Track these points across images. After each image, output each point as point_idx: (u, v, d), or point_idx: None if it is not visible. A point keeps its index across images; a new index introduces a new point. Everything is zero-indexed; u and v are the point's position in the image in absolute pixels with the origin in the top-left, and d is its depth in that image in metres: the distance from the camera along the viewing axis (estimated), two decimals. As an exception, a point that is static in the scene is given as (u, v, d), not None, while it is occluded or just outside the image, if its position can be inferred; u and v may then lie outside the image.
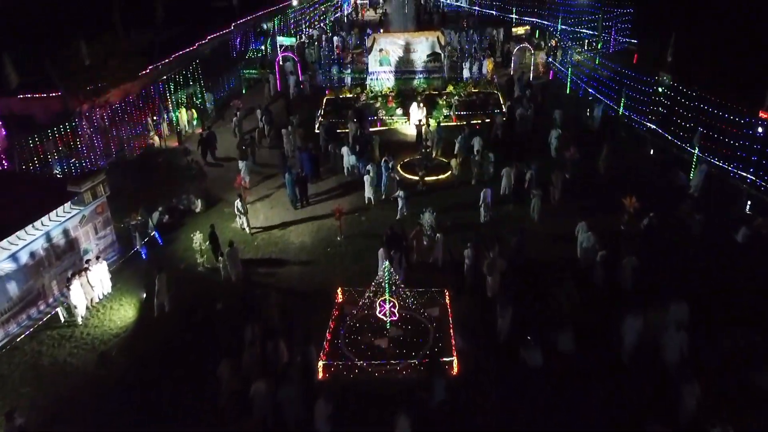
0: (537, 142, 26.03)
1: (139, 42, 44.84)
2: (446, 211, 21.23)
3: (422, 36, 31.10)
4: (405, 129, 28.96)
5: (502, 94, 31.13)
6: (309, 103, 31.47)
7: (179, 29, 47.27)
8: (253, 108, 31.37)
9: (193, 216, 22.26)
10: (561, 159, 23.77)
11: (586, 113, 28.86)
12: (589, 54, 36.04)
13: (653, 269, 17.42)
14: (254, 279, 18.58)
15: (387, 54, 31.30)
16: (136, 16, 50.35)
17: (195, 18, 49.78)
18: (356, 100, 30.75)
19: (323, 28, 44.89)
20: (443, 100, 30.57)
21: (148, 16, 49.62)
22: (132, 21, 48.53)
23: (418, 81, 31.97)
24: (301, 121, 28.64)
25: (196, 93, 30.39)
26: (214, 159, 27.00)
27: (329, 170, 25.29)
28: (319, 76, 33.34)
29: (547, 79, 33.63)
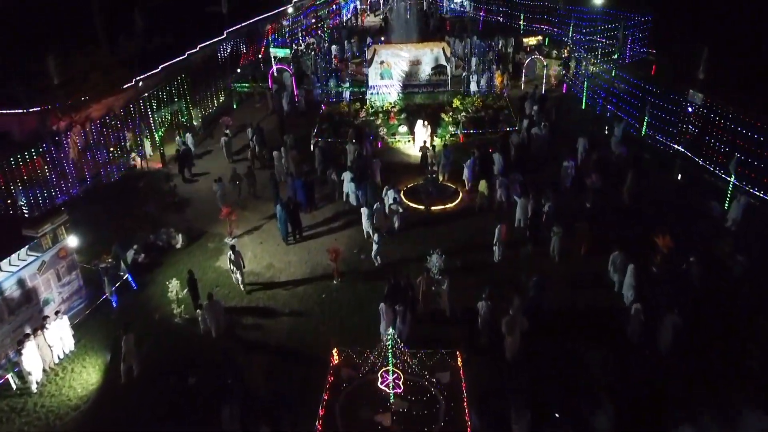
0: (553, 166, 23.75)
1: (128, 50, 42.77)
2: (455, 245, 19.09)
3: (426, 47, 28.83)
4: (408, 149, 26.69)
5: (513, 109, 28.83)
6: (304, 120, 29.19)
7: (171, 36, 45.07)
8: (245, 125, 29.14)
9: (173, 253, 19.99)
10: (581, 187, 21.50)
11: (604, 131, 26.60)
12: (605, 65, 33.72)
13: (696, 327, 15.12)
14: (238, 333, 16.31)
15: (388, 66, 29.05)
16: (126, 22, 48.18)
17: (189, 24, 47.72)
18: (355, 117, 28.48)
19: (321, 35, 42.59)
20: (449, 116, 28.29)
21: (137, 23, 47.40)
22: (121, 28, 46.43)
23: (422, 96, 29.70)
24: (296, 140, 26.41)
25: (181, 110, 28.08)
26: (189, 176, 25.27)
27: (326, 197, 23.04)
28: (315, 90, 31.01)
29: (561, 93, 31.31)
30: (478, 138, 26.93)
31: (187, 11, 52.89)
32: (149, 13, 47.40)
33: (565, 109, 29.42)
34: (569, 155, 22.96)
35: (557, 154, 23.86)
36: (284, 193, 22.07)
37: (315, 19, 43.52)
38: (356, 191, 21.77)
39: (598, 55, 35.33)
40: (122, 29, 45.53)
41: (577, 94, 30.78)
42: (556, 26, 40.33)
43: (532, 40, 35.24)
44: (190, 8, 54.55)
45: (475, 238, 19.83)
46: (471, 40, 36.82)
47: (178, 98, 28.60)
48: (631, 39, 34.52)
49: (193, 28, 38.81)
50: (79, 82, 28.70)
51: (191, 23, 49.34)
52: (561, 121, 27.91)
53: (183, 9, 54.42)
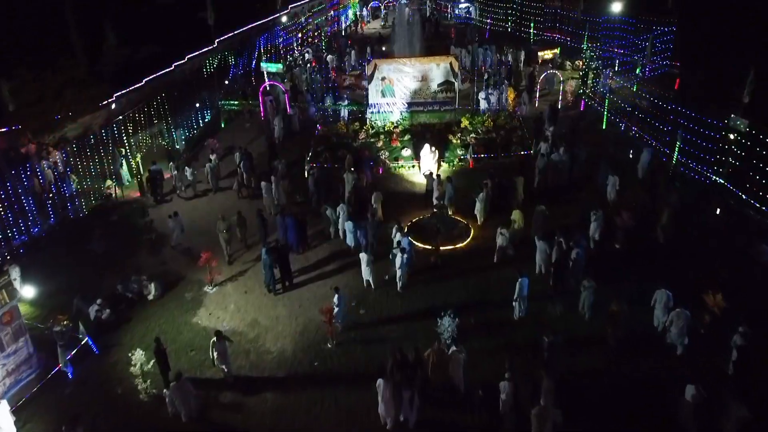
0: (577, 200, 21.21)
1: (114, 60, 40.28)
2: (468, 297, 16.68)
3: (433, 62, 26.25)
4: (413, 175, 24.13)
5: (527, 130, 26.24)
6: (298, 142, 26.63)
7: (161, 44, 42.52)
8: (233, 147, 26.59)
9: (144, 306, 17.42)
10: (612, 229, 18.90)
11: (628, 155, 24.07)
12: (623, 79, 31.15)
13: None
14: (214, 415, 13.74)
15: (390, 83, 26.47)
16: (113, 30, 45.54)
17: (180, 31, 45.18)
18: (354, 139, 25.92)
19: (318, 45, 40.00)
20: (457, 138, 25.72)
21: (124, 32, 44.98)
22: (106, 36, 43.82)
23: (427, 114, 27.13)
24: (288, 167, 23.90)
25: (162, 131, 25.52)
26: (159, 197, 23.23)
27: (320, 233, 20.48)
28: (311, 108, 28.37)
29: (578, 111, 28.72)
30: (490, 163, 24.37)
31: (179, 17, 50.61)
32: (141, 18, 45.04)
33: (584, 129, 26.83)
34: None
35: (579, 183, 21.35)
36: (272, 231, 19.62)
37: (312, 27, 40.87)
38: (354, 230, 19.19)
39: (616, 68, 32.78)
40: (107, 38, 43.11)
41: (596, 112, 28.13)
42: (570, 35, 37.75)
43: (548, 53, 32.60)
44: (181, 14, 52.26)
45: (491, 287, 17.30)
46: (481, 50, 34.25)
47: (159, 118, 26.00)
48: (653, 50, 31.91)
49: (184, 36, 36.34)
50: (50, 100, 26.24)
51: (182, 30, 46.90)
52: (581, 143, 25.37)
53: (174, 15, 52.04)
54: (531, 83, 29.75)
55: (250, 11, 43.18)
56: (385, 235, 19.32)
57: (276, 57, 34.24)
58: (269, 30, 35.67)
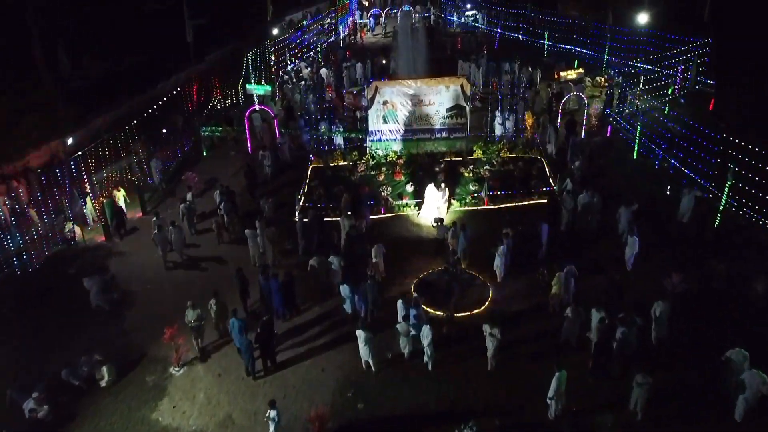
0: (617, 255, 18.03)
1: (91, 74, 37.18)
2: (491, 389, 13.40)
3: (441, 84, 23.11)
4: (418, 215, 21.00)
5: (547, 161, 23.11)
6: (288, 175, 23.48)
7: (145, 56, 39.37)
8: (214, 180, 23.51)
9: (94, 396, 14.29)
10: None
11: (666, 192, 21.00)
12: (651, 98, 28.02)
13: None
14: None
15: (393, 108, 23.34)
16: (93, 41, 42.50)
17: (167, 41, 42.16)
18: (352, 172, 22.80)
19: (315, 58, 36.84)
20: (469, 171, 22.60)
21: (107, 41, 41.79)
22: (86, 47, 40.79)
23: (434, 143, 24.00)
24: (276, 207, 20.82)
25: (132, 166, 22.36)
26: (123, 233, 20.64)
27: (311, 291, 17.35)
28: (304, 136, 25.13)
29: (604, 137, 25.53)
30: (508, 202, 21.25)
31: (169, 25, 47.52)
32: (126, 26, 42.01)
33: (612, 160, 23.70)
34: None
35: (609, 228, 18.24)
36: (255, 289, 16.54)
37: (306, 39, 37.71)
38: (351, 295, 16.06)
39: (641, 85, 29.63)
40: (87, 49, 40.04)
41: (624, 138, 24.93)
42: (588, 47, 34.60)
43: (572, 73, 29.33)
44: (171, 21, 49.15)
45: (519, 374, 14.16)
46: (493, 64, 31.02)
47: (131, 148, 22.88)
48: (683, 67, 28.77)
49: (174, 45, 33.28)
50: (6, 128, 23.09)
51: (172, 39, 43.86)
52: (610, 177, 22.32)
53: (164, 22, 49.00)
54: (551, 106, 26.49)
55: (236, 26, 40.25)
56: (388, 297, 16.29)
57: (267, 73, 31.05)
58: (259, 43, 32.50)
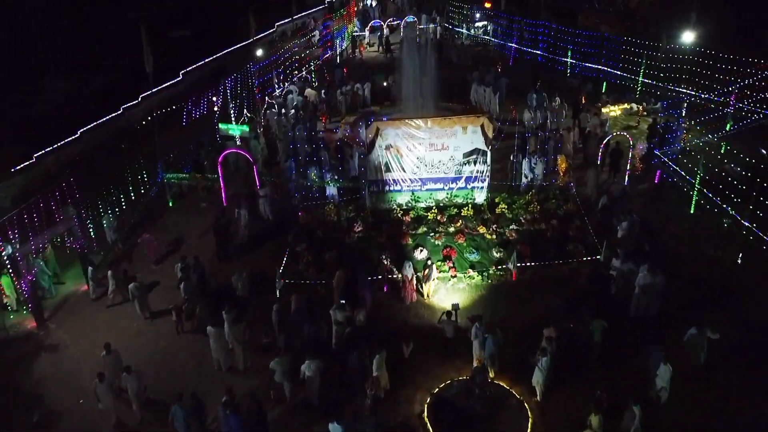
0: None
1: (60, 95, 33.09)
2: None
3: (457, 124, 18.82)
4: (434, 298, 16.73)
5: (587, 217, 18.87)
6: (269, 237, 19.18)
7: (118, 73, 35.45)
8: (180, 242, 19.28)
9: None
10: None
11: (737, 260, 16.79)
12: (697, 131, 23.73)
13: None
14: None
15: (398, 153, 19.09)
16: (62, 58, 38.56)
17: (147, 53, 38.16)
18: (348, 233, 18.54)
19: (307, 78, 32.49)
20: (491, 231, 18.36)
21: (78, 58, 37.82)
22: (54, 65, 36.77)
23: (448, 195, 19.75)
24: (251, 286, 16.60)
25: (74, 232, 18.06)
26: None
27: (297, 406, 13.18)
28: (290, 184, 20.71)
29: (652, 183, 21.21)
30: (547, 276, 16.97)
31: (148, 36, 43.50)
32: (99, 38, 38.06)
33: (664, 216, 19.41)
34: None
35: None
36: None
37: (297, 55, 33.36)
38: None
39: (683, 113, 25.37)
40: (52, 67, 35.96)
41: (676, 185, 20.56)
42: (618, 67, 30.30)
43: (616, 109, 24.81)
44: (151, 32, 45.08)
45: None
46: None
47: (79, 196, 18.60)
48: (735, 96, 24.45)
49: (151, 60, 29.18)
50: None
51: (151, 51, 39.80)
52: (664, 240, 18.06)
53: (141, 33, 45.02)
54: (585, 142, 22.01)
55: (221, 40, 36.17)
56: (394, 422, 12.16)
57: (250, 101, 26.70)
58: (240, 64, 28.21)
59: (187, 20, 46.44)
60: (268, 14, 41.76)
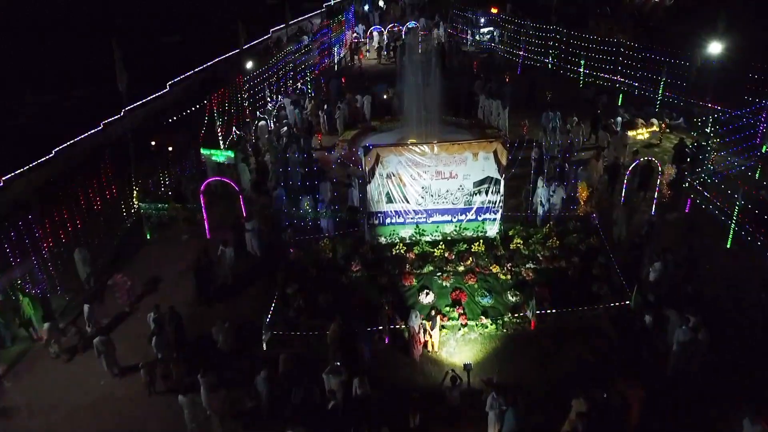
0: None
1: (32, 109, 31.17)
2: None
3: (467, 151, 16.76)
4: (443, 352, 14.70)
5: (611, 252, 16.86)
6: (257, 276, 17.13)
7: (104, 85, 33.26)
8: (157, 283, 17.26)
9: None
10: None
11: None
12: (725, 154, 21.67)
13: None
14: None
15: (401, 181, 17.05)
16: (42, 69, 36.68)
17: (137, 62, 36.28)
18: (345, 272, 16.52)
19: (303, 90, 30.44)
20: (505, 269, 16.36)
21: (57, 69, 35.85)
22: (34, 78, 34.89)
23: (456, 227, 17.72)
24: (235, 338, 14.60)
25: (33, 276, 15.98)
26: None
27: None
28: (281, 215, 18.59)
29: (683, 213, 19.14)
30: (570, 325, 14.95)
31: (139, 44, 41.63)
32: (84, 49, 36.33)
33: (699, 252, 17.34)
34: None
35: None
36: None
37: (293, 64, 31.29)
38: None
39: (708, 130, 23.36)
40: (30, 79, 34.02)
41: (709, 215, 18.51)
42: (635, 78, 28.31)
43: (644, 133, 22.71)
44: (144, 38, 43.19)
45: None
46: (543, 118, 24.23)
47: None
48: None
49: (142, 67, 27.11)
50: None
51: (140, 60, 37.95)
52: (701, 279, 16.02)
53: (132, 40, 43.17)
54: (613, 170, 19.82)
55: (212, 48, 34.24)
56: None
57: (240, 118, 24.65)
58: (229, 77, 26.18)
59: (180, 26, 44.47)
60: (264, 20, 39.88)
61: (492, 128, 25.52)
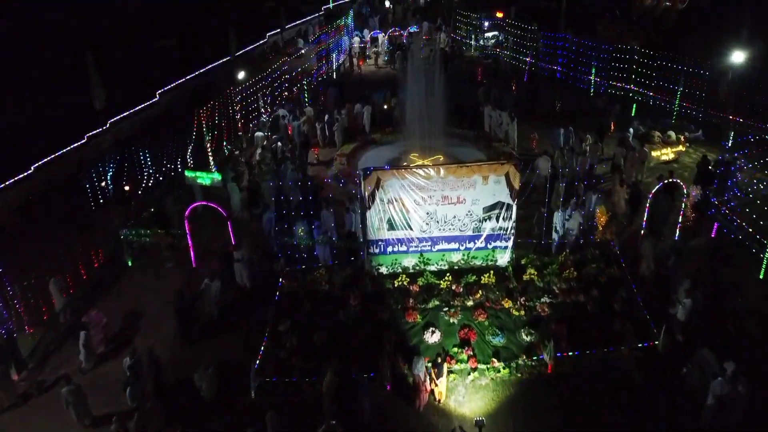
0: None
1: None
2: None
3: (476, 174, 15.30)
4: (454, 390, 13.27)
5: (633, 280, 15.41)
6: (245, 311, 15.63)
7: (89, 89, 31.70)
8: (136, 315, 15.79)
9: None
10: None
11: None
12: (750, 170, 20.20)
13: None
14: None
15: (403, 207, 15.58)
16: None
17: (131, 67, 34.90)
18: (343, 306, 15.05)
19: (299, 99, 28.93)
20: (517, 304, 14.91)
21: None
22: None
23: (464, 256, 16.26)
24: (218, 386, 13.13)
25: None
26: None
27: None
28: (272, 242, 17.02)
29: (708, 238, 17.62)
30: (591, 367, 13.51)
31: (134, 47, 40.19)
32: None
33: (728, 284, 15.86)
34: None
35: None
36: None
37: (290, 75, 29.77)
38: None
39: (729, 143, 21.94)
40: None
41: (741, 240, 17.00)
42: (650, 87, 26.86)
43: (669, 152, 21.18)
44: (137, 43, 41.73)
45: None
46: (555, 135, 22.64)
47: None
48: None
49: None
50: None
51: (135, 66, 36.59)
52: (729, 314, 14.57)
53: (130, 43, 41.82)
54: (635, 196, 18.15)
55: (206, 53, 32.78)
56: None
57: (231, 133, 23.13)
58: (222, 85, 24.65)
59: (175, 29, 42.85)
60: (261, 23, 38.45)
61: (499, 141, 24.05)
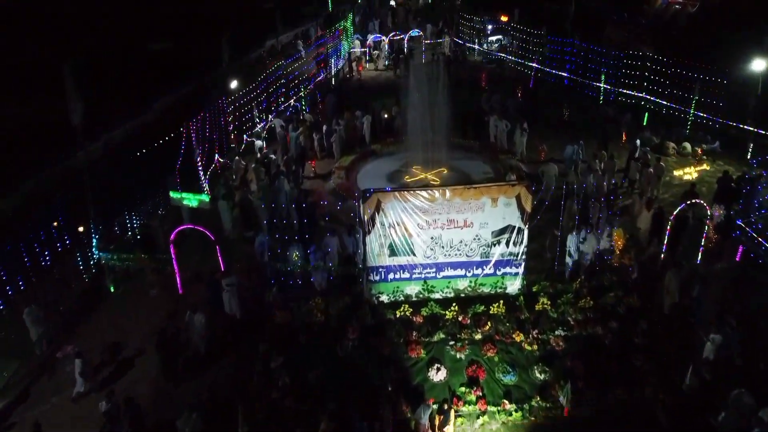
0: None
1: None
2: None
3: (485, 196, 14.13)
4: None
5: (656, 312, 14.24)
6: (233, 346, 14.44)
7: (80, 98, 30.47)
8: (116, 347, 14.62)
9: None
10: None
11: None
12: None
13: None
14: None
15: (406, 231, 14.40)
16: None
17: (124, 71, 33.85)
18: (341, 341, 13.86)
19: (297, 107, 27.72)
20: (529, 338, 13.74)
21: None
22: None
23: (471, 283, 15.09)
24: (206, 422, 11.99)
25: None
26: None
27: None
28: (266, 265, 15.83)
29: (733, 262, 16.39)
30: (611, 409, 12.36)
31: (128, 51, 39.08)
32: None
33: (755, 312, 14.67)
34: None
35: None
36: None
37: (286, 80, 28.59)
38: None
39: (749, 156, 20.77)
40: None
41: (761, 265, 15.85)
42: (663, 95, 25.67)
43: (692, 171, 19.97)
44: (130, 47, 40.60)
45: None
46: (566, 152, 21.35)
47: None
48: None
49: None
50: None
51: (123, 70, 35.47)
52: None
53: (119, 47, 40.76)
54: (657, 217, 16.83)
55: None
56: None
57: (224, 145, 21.93)
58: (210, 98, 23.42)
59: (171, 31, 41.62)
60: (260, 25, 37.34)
61: (506, 153, 22.87)
